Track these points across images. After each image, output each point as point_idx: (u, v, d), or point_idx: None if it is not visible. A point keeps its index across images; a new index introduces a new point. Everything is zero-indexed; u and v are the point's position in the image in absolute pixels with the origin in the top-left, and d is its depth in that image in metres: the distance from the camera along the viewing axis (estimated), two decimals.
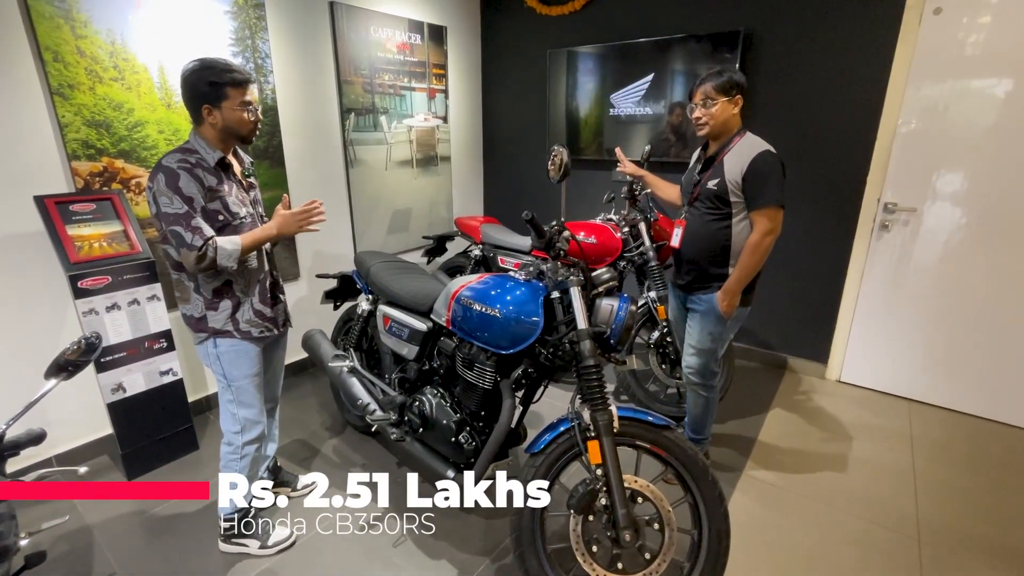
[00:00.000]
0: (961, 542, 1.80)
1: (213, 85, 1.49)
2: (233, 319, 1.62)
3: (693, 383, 2.02)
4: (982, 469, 2.19)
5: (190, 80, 1.50)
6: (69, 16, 1.93)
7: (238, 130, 1.55)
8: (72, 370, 0.91)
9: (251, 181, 1.71)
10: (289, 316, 1.85)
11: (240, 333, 1.63)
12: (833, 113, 2.65)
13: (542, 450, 1.48)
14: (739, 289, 1.81)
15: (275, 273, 1.75)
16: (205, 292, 1.58)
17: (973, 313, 2.50)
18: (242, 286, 1.62)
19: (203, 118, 1.52)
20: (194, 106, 1.52)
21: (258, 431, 1.74)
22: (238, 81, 1.51)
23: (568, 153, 1.45)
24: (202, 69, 1.48)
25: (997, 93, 2.28)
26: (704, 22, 2.89)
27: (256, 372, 1.70)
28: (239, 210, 1.58)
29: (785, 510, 1.96)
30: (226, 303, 1.60)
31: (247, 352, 1.66)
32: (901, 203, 2.58)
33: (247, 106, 1.53)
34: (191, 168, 1.47)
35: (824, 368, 2.97)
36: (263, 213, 1.74)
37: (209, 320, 1.60)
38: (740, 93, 1.78)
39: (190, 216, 1.45)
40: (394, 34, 3.16)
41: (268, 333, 1.70)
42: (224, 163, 1.57)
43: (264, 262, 1.69)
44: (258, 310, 1.66)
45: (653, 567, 1.43)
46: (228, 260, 1.50)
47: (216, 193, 1.52)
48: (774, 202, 1.72)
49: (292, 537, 1.83)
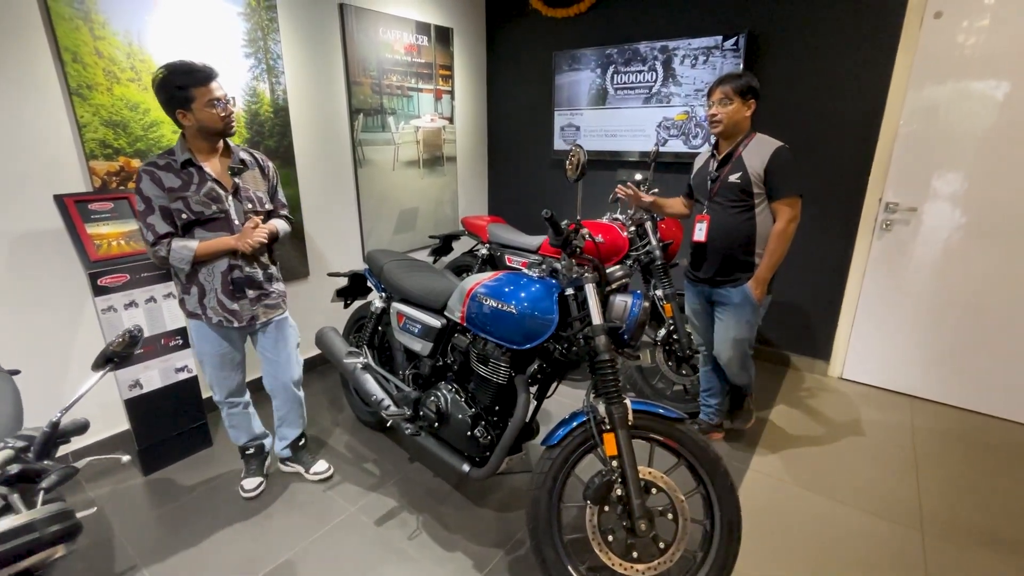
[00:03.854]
0: (964, 533, 1.85)
1: (180, 89, 1.58)
2: (201, 304, 1.79)
3: (735, 370, 2.13)
4: (982, 463, 2.23)
5: (159, 89, 1.60)
6: (88, 18, 1.96)
7: (212, 126, 1.64)
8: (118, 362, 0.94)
9: (237, 180, 1.76)
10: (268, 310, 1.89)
11: (205, 318, 1.81)
12: (836, 114, 2.70)
13: (558, 443, 1.52)
14: (770, 275, 1.96)
15: (248, 270, 1.81)
16: (181, 278, 1.78)
17: (973, 311, 2.55)
18: (206, 276, 1.77)
19: (180, 122, 1.63)
20: (170, 112, 1.63)
21: (221, 395, 1.96)
22: (200, 79, 1.58)
23: (585, 153, 1.48)
24: (166, 75, 1.58)
25: (995, 95, 2.33)
26: (709, 24, 2.94)
27: (220, 352, 1.88)
28: (203, 209, 1.68)
29: (791, 503, 2.00)
30: (195, 290, 1.78)
31: (208, 334, 1.85)
32: (902, 203, 2.63)
33: (215, 102, 1.61)
34: (153, 171, 1.63)
35: (827, 365, 3.02)
36: (256, 209, 1.81)
37: (186, 303, 1.81)
38: (754, 98, 1.89)
39: (147, 213, 1.64)
40: (402, 35, 3.19)
41: (227, 324, 1.83)
42: (192, 164, 1.67)
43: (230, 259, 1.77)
44: (220, 300, 1.80)
45: (667, 556, 1.46)
46: (180, 262, 1.68)
47: (176, 194, 1.65)
48: (795, 192, 1.87)
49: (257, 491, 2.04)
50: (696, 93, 3.00)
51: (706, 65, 2.92)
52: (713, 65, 2.89)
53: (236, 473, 2.16)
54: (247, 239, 1.72)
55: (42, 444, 0.80)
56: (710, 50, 2.88)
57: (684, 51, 2.97)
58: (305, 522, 1.90)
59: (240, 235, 1.73)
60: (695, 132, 3.06)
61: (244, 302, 1.82)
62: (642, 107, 3.22)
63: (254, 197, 1.81)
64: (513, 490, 2.07)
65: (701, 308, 2.21)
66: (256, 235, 1.74)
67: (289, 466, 2.18)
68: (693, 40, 2.92)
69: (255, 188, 1.82)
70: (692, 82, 2.99)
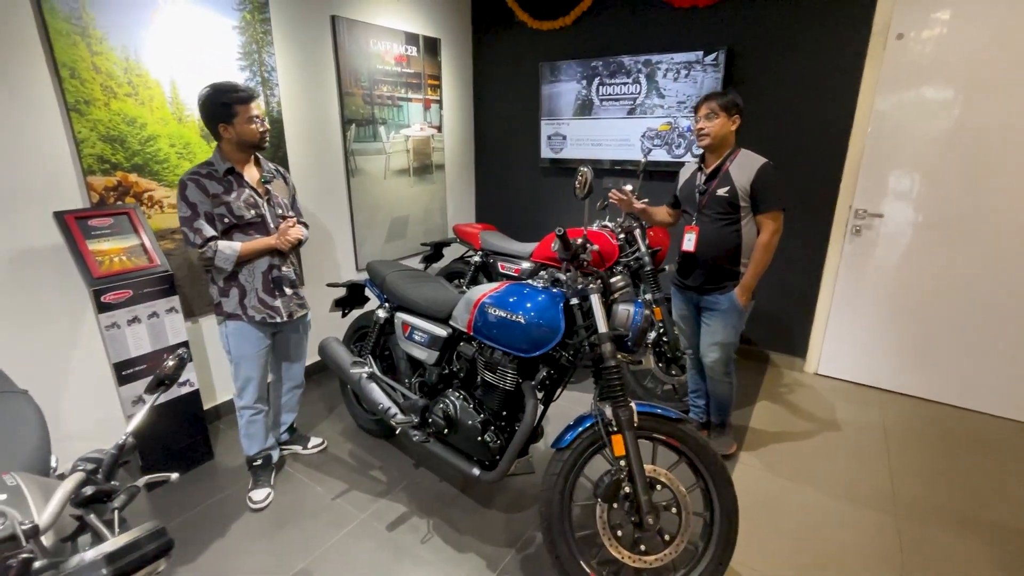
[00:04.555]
0: (934, 516, 2.01)
1: (224, 106, 1.76)
2: (242, 304, 1.93)
3: (719, 373, 2.24)
4: (950, 451, 2.43)
5: (205, 104, 1.78)
6: (86, 33, 1.95)
7: (250, 140, 1.83)
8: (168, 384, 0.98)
9: (268, 187, 1.96)
10: (299, 307, 2.10)
11: (247, 317, 1.94)
12: (809, 127, 2.87)
13: (568, 445, 1.60)
14: (755, 283, 2.09)
15: (284, 270, 2.01)
16: (218, 282, 1.92)
17: (937, 309, 2.75)
18: (247, 277, 1.92)
19: (220, 134, 1.81)
20: (212, 125, 1.80)
21: (251, 399, 2.05)
22: (243, 99, 1.78)
23: (592, 172, 1.58)
24: (213, 94, 1.77)
25: (952, 108, 2.53)
26: (690, 40, 3.08)
27: (257, 352, 2.01)
28: (244, 213, 1.86)
29: (775, 493, 2.14)
30: (235, 291, 1.92)
31: (251, 333, 1.98)
32: (870, 209, 2.83)
33: (254, 119, 1.82)
34: (198, 179, 1.80)
35: (803, 362, 3.20)
36: (284, 214, 2.01)
37: (224, 305, 1.93)
38: (739, 114, 2.01)
39: (193, 219, 1.79)
40: (392, 46, 3.24)
41: (270, 320, 1.99)
42: (234, 172, 1.86)
43: (270, 259, 1.95)
44: (261, 298, 1.96)
45: (672, 547, 1.57)
46: (225, 263, 1.82)
47: (220, 199, 1.82)
48: (779, 206, 2.00)
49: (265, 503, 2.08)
50: (679, 105, 3.13)
51: (688, 79, 3.06)
52: (695, 79, 3.03)
53: (242, 486, 2.18)
54: (286, 237, 1.91)
55: (110, 465, 0.84)
56: (692, 64, 3.02)
57: (667, 65, 3.10)
58: (317, 530, 1.94)
59: (278, 234, 1.91)
60: (678, 142, 3.20)
61: (283, 299, 2.01)
62: (627, 118, 3.34)
63: (282, 203, 2.01)
64: (519, 491, 2.15)
65: (689, 314, 2.33)
66: (292, 233, 1.93)
67: (288, 448, 2.40)
68: (676, 55, 3.06)
69: (282, 196, 2.02)
70: (675, 94, 3.13)
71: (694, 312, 2.31)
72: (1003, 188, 2.48)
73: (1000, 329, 2.61)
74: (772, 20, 2.84)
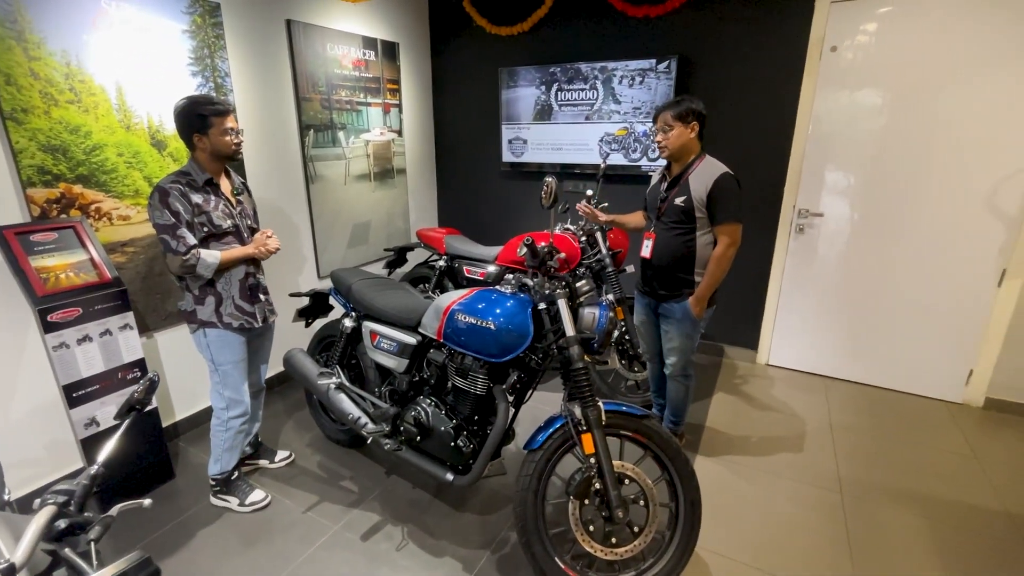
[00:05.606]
0: (876, 492, 2.19)
1: (200, 117, 1.76)
2: (217, 312, 1.92)
3: (677, 376, 2.28)
4: (886, 430, 2.64)
5: (180, 115, 1.77)
6: (21, 37, 1.84)
7: (224, 151, 1.84)
8: (140, 409, 0.96)
9: (239, 199, 1.99)
10: (271, 312, 2.12)
11: (223, 324, 1.93)
12: (756, 131, 3.04)
13: (540, 446, 1.66)
14: (708, 295, 2.08)
15: (258, 276, 2.04)
16: (193, 290, 1.89)
17: (873, 300, 2.98)
18: (224, 285, 1.92)
19: (195, 145, 1.80)
20: (187, 136, 1.80)
21: (241, 408, 2.04)
22: (220, 111, 1.79)
23: (557, 183, 1.63)
24: (190, 105, 1.77)
25: (881, 113, 2.75)
26: (643, 48, 3.20)
27: (240, 358, 2.01)
28: (222, 223, 1.87)
29: (733, 479, 2.27)
30: (210, 299, 1.90)
31: (231, 340, 1.96)
32: (812, 208, 3.02)
33: (229, 131, 1.82)
34: (181, 188, 1.78)
35: (755, 354, 3.39)
36: (255, 226, 2.06)
37: (198, 313, 1.91)
38: (696, 120, 2.01)
39: (176, 227, 1.76)
40: (349, 51, 3.20)
41: (248, 325, 1.99)
42: (212, 183, 1.86)
43: (246, 267, 1.97)
44: (238, 305, 1.96)
45: (641, 538, 1.65)
46: (206, 270, 1.82)
47: (201, 209, 1.82)
48: (734, 219, 1.98)
49: (267, 499, 2.13)
50: (634, 111, 3.25)
51: (642, 85, 3.17)
52: (649, 86, 3.15)
53: (205, 505, 2.12)
54: (266, 247, 1.95)
55: (83, 496, 0.82)
56: (646, 72, 3.14)
57: (622, 72, 3.21)
58: (290, 546, 1.92)
59: (255, 243, 1.94)
60: (634, 147, 3.31)
61: (259, 305, 2.03)
62: (585, 123, 3.43)
63: (250, 214, 2.04)
64: (492, 493, 2.19)
65: (648, 319, 2.35)
66: (272, 244, 1.97)
67: (253, 463, 2.35)
68: (630, 62, 3.17)
69: (248, 207, 2.05)
70: (631, 100, 3.24)
71: (653, 318, 2.32)
72: (927, 187, 2.72)
73: (926, 317, 2.86)
74: (720, 31, 2.99)
